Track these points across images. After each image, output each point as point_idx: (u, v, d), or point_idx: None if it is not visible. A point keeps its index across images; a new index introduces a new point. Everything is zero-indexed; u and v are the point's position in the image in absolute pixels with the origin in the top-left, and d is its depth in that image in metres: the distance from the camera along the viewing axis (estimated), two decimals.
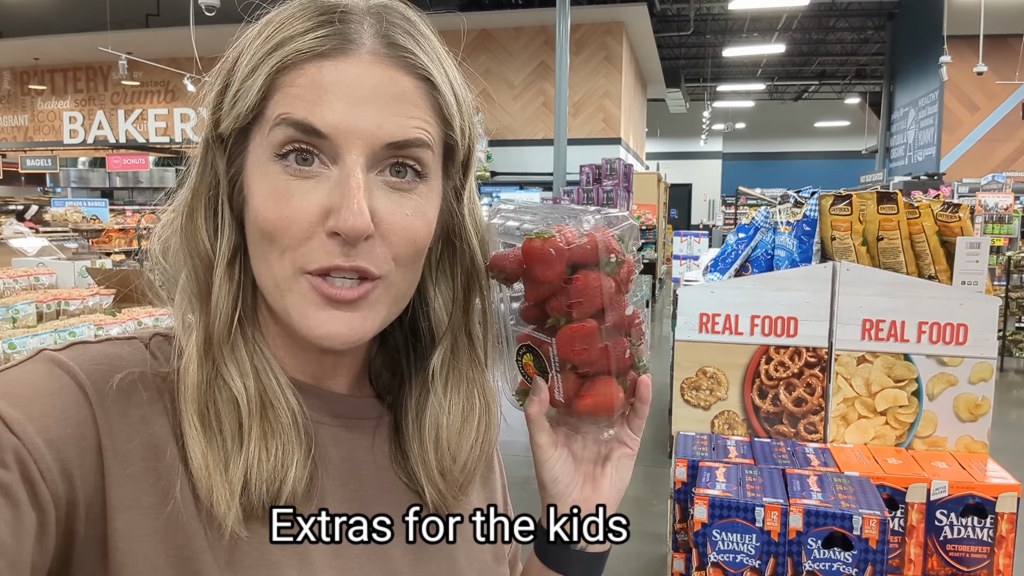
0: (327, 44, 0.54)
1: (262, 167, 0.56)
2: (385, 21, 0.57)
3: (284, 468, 0.56)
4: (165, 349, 0.59)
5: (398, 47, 0.56)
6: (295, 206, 0.54)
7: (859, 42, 21.63)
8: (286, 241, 0.54)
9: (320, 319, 0.56)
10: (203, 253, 0.58)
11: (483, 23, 13.29)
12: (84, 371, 0.53)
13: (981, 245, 1.96)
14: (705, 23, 19.59)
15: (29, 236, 7.11)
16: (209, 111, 0.58)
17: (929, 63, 14.98)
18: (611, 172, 9.34)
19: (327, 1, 0.57)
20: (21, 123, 17.57)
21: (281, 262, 0.55)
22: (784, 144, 28.47)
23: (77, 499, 0.50)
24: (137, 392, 0.55)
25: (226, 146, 0.58)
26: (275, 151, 0.54)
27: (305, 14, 0.56)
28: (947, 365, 1.91)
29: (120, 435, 0.53)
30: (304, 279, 0.55)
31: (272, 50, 0.55)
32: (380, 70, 0.55)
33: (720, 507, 1.62)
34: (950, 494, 1.69)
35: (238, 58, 0.57)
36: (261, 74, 0.54)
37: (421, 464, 0.65)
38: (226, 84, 0.57)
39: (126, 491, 0.52)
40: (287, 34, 0.55)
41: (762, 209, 2.47)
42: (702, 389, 2.05)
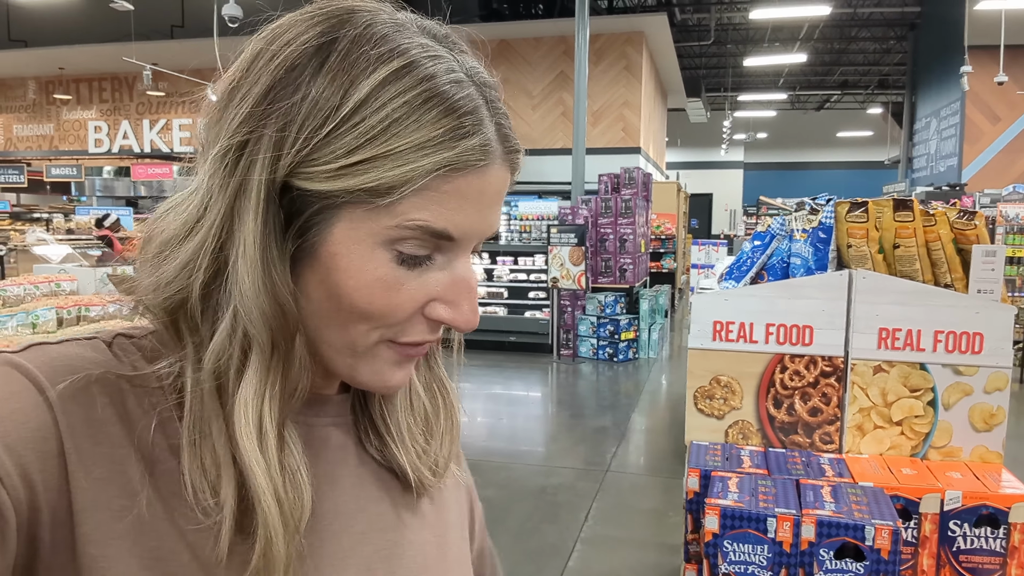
0: (476, 159, 0.53)
1: (366, 248, 0.53)
2: (497, 112, 0.56)
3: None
4: (128, 350, 0.57)
5: (515, 152, 0.58)
6: (404, 296, 0.55)
7: (881, 52, 21.49)
8: (386, 322, 0.56)
9: (394, 373, 0.60)
10: (291, 311, 0.54)
11: (502, 34, 13.35)
12: (43, 373, 0.51)
13: (997, 253, 1.94)
14: (726, 33, 19.56)
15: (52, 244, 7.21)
16: (291, 153, 0.51)
17: (950, 73, 14.84)
18: (630, 181, 9.32)
19: (459, 102, 0.53)
20: (46, 132, 17.84)
21: (368, 335, 0.57)
22: (806, 154, 28.30)
23: (39, 504, 0.49)
24: (100, 394, 0.53)
25: (287, 195, 0.53)
26: (391, 242, 0.53)
27: (441, 108, 0.52)
28: (963, 374, 1.89)
29: (83, 438, 0.51)
30: (385, 347, 0.58)
31: (417, 148, 0.51)
32: (504, 175, 0.57)
33: (732, 517, 1.61)
34: (963, 504, 1.67)
35: (351, 116, 0.51)
36: (416, 172, 0.51)
37: (401, 447, 0.67)
38: (329, 135, 0.51)
39: (93, 494, 0.51)
40: (431, 135, 0.51)
41: (778, 217, 2.46)
42: (716, 398, 2.04)
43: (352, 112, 0.50)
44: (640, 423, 6.43)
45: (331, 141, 0.50)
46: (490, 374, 8.17)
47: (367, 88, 0.50)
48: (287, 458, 0.55)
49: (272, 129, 0.51)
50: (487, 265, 9.61)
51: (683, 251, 14.76)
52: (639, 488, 4.88)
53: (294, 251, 0.54)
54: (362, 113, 0.50)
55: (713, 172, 27.21)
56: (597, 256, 9.15)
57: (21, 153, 17.93)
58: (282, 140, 0.51)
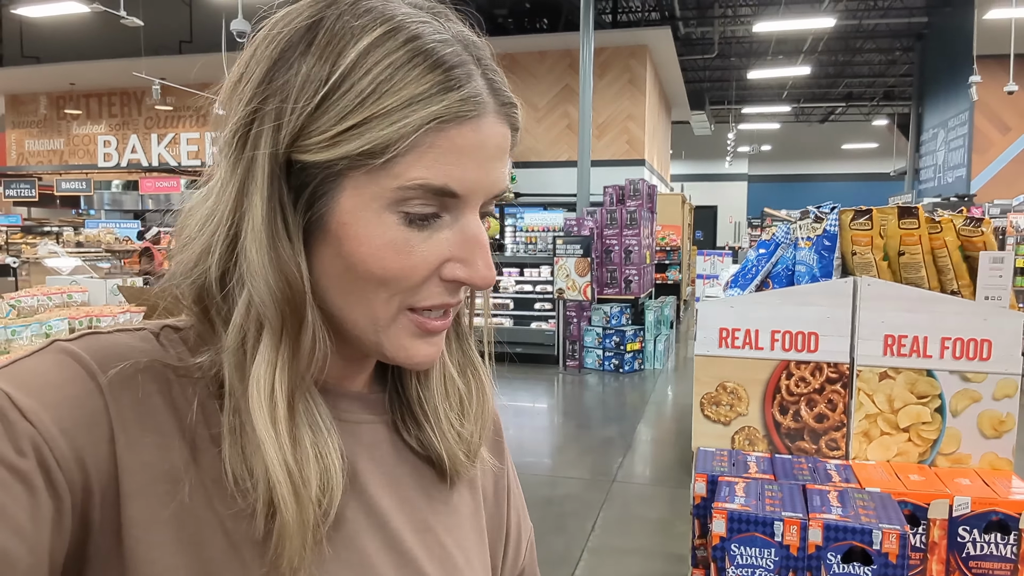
0: (468, 110, 0.54)
1: (373, 214, 0.54)
2: (487, 68, 0.57)
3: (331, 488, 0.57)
4: (174, 341, 0.59)
5: (510, 104, 0.58)
6: (417, 258, 0.56)
7: (887, 63, 21.51)
8: (403, 286, 0.56)
9: (420, 348, 0.60)
10: (297, 283, 0.55)
11: (508, 47, 13.44)
12: (96, 360, 0.53)
13: (1004, 260, 1.94)
14: (729, 46, 19.63)
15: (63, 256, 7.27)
16: (289, 127, 0.53)
17: (959, 83, 14.82)
18: (635, 193, 9.34)
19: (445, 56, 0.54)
20: (57, 147, 18.00)
21: (388, 303, 0.57)
22: (811, 166, 28.31)
23: (92, 486, 0.50)
24: (148, 382, 0.55)
25: (292, 170, 0.55)
26: (396, 204, 0.54)
27: (426, 64, 0.53)
28: (970, 381, 1.89)
29: (132, 423, 0.53)
30: (406, 315, 0.58)
31: (407, 104, 0.52)
32: (500, 128, 0.57)
33: (739, 521, 1.61)
34: (972, 510, 1.67)
35: (339, 84, 0.52)
36: (407, 127, 0.52)
37: (438, 432, 0.68)
38: (320, 105, 0.53)
39: (139, 479, 0.52)
40: (420, 90, 0.52)
41: (782, 225, 2.47)
42: (722, 404, 2.04)
43: (340, 80, 0.52)
44: (646, 434, 6.42)
45: (325, 111, 0.52)
46: (496, 385, 8.16)
47: (353, 55, 0.52)
48: (301, 431, 0.56)
49: (271, 107, 0.53)
50: None
51: (688, 263, 14.76)
52: (645, 498, 4.87)
53: (307, 227, 0.55)
54: (350, 80, 0.52)
55: (717, 184, 27.24)
56: (602, 267, 9.16)
57: (32, 168, 18.09)
58: (280, 116, 0.53)
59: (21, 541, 0.45)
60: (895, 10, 17.39)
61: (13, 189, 16.40)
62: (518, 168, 13.12)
